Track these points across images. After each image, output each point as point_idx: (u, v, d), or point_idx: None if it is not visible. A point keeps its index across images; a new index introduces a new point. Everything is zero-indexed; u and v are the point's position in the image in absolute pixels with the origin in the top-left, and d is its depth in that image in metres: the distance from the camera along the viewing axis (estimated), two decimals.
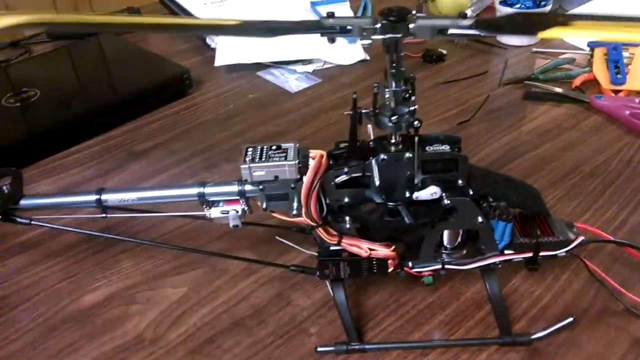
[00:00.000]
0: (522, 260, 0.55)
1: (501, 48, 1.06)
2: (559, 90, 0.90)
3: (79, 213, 0.60)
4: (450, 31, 0.44)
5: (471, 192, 0.51)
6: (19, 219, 0.57)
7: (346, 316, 0.54)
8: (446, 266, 0.55)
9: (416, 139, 0.48)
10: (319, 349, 0.54)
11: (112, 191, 0.55)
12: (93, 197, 0.54)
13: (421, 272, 0.55)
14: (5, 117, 0.87)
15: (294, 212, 0.51)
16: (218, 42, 1.06)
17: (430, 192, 0.50)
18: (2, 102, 0.89)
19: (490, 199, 0.52)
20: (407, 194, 0.50)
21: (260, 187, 0.51)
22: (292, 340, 0.56)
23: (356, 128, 0.49)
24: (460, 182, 0.50)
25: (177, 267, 0.65)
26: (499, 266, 0.55)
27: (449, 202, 0.50)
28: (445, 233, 0.55)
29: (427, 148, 0.50)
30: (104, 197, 0.54)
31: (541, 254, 0.54)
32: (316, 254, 0.54)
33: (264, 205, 0.52)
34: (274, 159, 0.50)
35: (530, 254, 0.54)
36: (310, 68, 1.02)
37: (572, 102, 0.88)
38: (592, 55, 0.94)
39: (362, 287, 0.61)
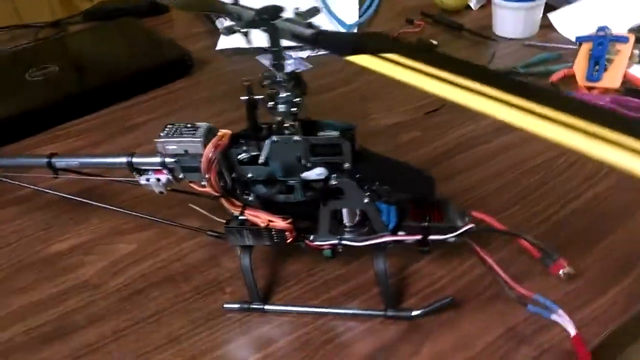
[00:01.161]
0: (413, 242, 0.59)
1: (493, 40, 1.07)
2: (535, 84, 0.91)
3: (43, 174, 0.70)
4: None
5: (357, 176, 0.56)
6: None
7: (249, 279, 0.61)
8: (342, 242, 0.60)
9: (297, 123, 0.54)
10: (226, 305, 0.62)
11: (62, 156, 0.64)
12: (44, 160, 0.64)
13: (320, 245, 0.61)
14: (27, 88, 1.00)
15: (203, 182, 0.59)
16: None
17: (317, 173, 0.56)
18: (26, 76, 1.02)
19: (377, 183, 0.56)
20: (298, 174, 0.56)
21: (175, 159, 0.59)
22: (208, 296, 0.64)
23: (253, 113, 0.56)
24: (346, 165, 0.56)
25: (135, 227, 0.74)
26: (391, 246, 0.59)
27: (335, 182, 0.56)
28: (344, 211, 0.60)
29: (319, 133, 0.56)
30: (53, 160, 0.64)
31: (431, 237, 0.58)
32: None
33: (181, 176, 0.60)
34: (184, 135, 0.57)
35: (420, 237, 0.58)
36: (304, 54, 1.08)
37: None
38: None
39: (283, 257, 0.67)
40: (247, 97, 0.55)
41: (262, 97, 0.55)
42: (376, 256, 0.59)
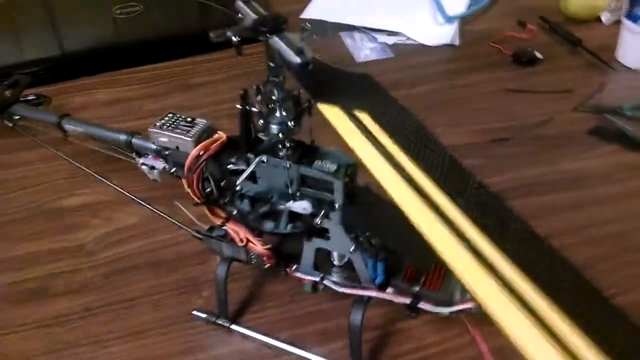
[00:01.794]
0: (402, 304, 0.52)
1: (611, 68, 0.90)
2: (634, 132, 0.76)
3: None
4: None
5: (347, 220, 0.49)
6: (6, 121, 0.68)
7: (221, 293, 0.56)
8: (324, 281, 0.54)
9: (284, 151, 0.47)
10: (194, 312, 0.58)
11: (72, 119, 0.63)
12: (55, 119, 0.63)
13: (302, 278, 0.55)
14: (107, 25, 1.00)
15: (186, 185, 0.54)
16: None
17: (302, 207, 0.49)
18: (112, 12, 1.02)
19: (367, 234, 0.49)
20: (285, 200, 0.50)
21: (167, 152, 0.54)
22: (184, 295, 0.61)
23: (247, 123, 0.50)
24: (336, 205, 0.48)
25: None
26: (372, 301, 0.52)
27: (320, 221, 0.49)
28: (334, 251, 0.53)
29: (316, 162, 0.49)
30: (63, 121, 0.62)
31: (420, 305, 0.50)
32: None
33: (172, 170, 0.56)
34: (178, 130, 0.53)
35: (408, 302, 0.50)
36: (391, 40, 0.99)
37: None
38: None
39: (272, 272, 0.62)
40: (240, 107, 0.49)
41: (255, 109, 0.49)
42: (355, 308, 0.52)
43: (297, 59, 0.41)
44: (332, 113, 0.35)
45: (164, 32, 1.02)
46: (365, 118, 0.34)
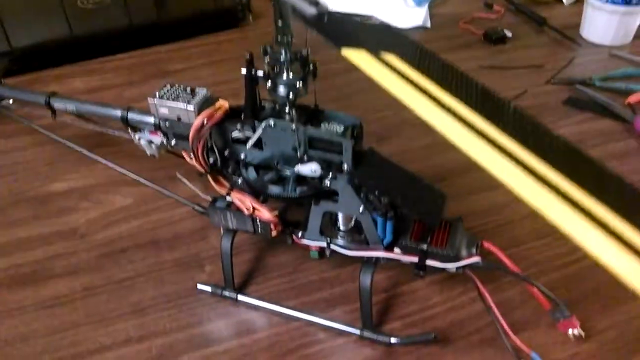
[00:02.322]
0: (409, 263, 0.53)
1: (576, 43, 0.94)
2: (605, 101, 0.80)
3: None
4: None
5: (355, 181, 0.50)
6: None
7: (227, 264, 0.56)
8: (331, 246, 0.54)
9: (293, 111, 0.48)
10: (199, 286, 0.58)
11: (61, 97, 0.61)
12: (43, 98, 0.61)
13: (308, 245, 0.55)
14: (73, 15, 0.98)
15: (192, 155, 0.54)
16: None
17: (311, 169, 0.50)
18: (78, 2, 1.00)
19: (377, 192, 0.50)
20: (291, 165, 0.51)
21: (167, 124, 0.54)
22: (186, 271, 0.61)
23: (253, 89, 0.50)
24: (345, 166, 0.49)
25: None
26: (382, 261, 0.53)
27: (329, 183, 0.50)
28: (339, 213, 0.54)
29: (322, 124, 0.50)
30: (52, 99, 0.61)
31: (428, 262, 0.52)
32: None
33: (173, 143, 0.55)
34: (179, 100, 0.52)
35: (416, 259, 0.52)
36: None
37: (613, 119, 0.78)
38: None
39: (274, 244, 0.62)
40: (246, 71, 0.49)
41: (263, 73, 0.49)
42: (364, 270, 0.53)
43: (313, 9, 0.42)
44: (359, 56, 0.36)
45: (134, 21, 1.00)
46: (392, 59, 0.35)
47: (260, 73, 0.49)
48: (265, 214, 0.53)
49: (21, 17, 0.97)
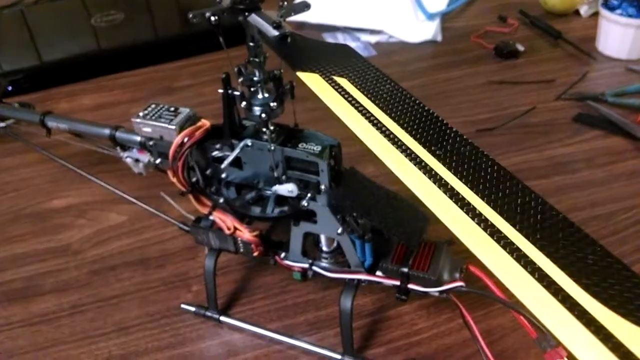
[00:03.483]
0: (392, 286, 0.51)
1: (591, 57, 0.91)
2: (616, 117, 0.76)
3: None
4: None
5: (333, 201, 0.48)
6: None
7: (210, 284, 0.56)
8: (313, 267, 0.53)
9: (269, 130, 0.47)
10: (183, 305, 0.58)
11: (55, 116, 0.62)
12: (38, 117, 0.62)
13: (291, 266, 0.54)
14: (88, 34, 1.00)
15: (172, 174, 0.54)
16: None
17: (287, 189, 0.49)
18: (92, 21, 1.02)
19: (355, 213, 0.49)
20: (271, 185, 0.50)
21: (151, 143, 0.54)
22: (173, 290, 0.60)
23: (231, 108, 0.50)
24: (323, 187, 0.48)
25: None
26: (364, 284, 0.52)
27: (306, 204, 0.49)
28: (321, 235, 0.53)
29: (300, 145, 0.49)
30: (46, 118, 0.62)
31: (410, 286, 0.50)
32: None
33: (157, 161, 0.55)
34: (161, 119, 0.52)
35: (397, 283, 0.50)
36: (373, 39, 0.99)
37: (624, 137, 0.75)
38: None
39: (262, 264, 0.61)
40: (222, 91, 0.49)
41: (237, 92, 0.49)
42: (345, 292, 0.51)
43: (275, 32, 0.41)
44: (312, 80, 0.35)
45: (146, 38, 1.01)
46: (344, 83, 0.34)
47: (237, 92, 0.49)
48: (245, 234, 0.53)
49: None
